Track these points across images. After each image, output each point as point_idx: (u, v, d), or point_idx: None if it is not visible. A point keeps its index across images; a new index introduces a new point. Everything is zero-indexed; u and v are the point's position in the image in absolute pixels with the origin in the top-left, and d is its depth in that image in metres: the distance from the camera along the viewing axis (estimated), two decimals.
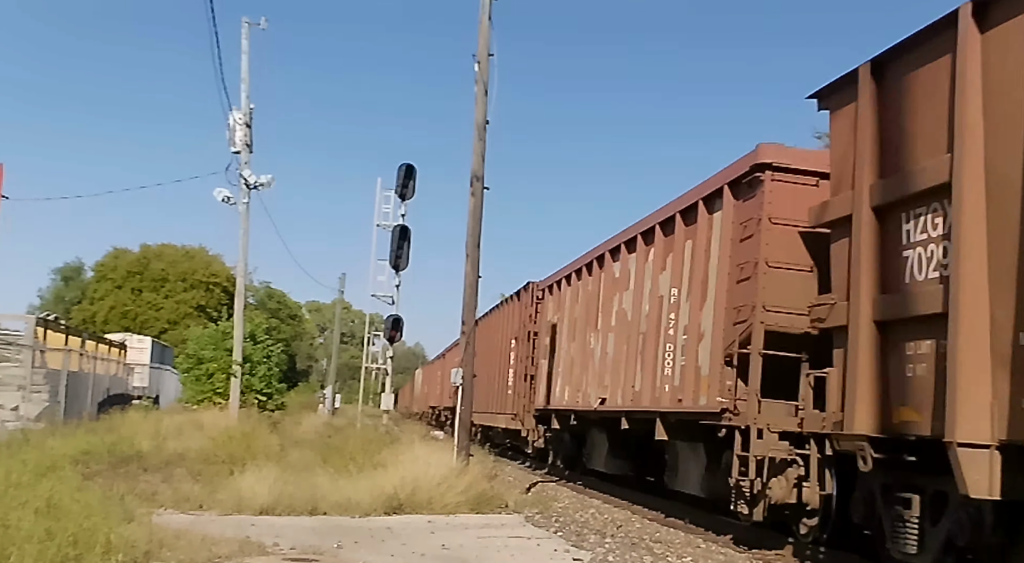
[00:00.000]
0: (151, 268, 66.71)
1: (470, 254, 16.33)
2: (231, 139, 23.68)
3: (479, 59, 16.33)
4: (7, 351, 23.08)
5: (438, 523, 11.78)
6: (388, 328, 23.58)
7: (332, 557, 8.93)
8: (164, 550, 8.01)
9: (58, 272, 75.31)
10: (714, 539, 11.84)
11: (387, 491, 12.57)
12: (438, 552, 9.56)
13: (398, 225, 22.21)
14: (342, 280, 56.52)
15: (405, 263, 22.26)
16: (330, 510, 11.96)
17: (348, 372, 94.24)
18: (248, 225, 24.43)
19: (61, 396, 23.53)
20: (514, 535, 11.10)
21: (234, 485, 12.32)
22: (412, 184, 22.21)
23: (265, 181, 24.24)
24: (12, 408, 21.75)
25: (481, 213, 16.23)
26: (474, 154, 16.22)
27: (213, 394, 26.98)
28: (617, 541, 11.19)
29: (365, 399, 43.72)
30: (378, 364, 42.73)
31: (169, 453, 16.42)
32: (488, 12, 16.45)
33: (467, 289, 16.34)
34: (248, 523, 10.45)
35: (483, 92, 16.24)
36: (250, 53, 24.02)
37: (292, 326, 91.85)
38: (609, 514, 14.64)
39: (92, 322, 60.56)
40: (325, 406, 45.02)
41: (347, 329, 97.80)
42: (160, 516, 10.17)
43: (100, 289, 67.23)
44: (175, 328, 60.58)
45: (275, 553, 8.84)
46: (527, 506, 14.08)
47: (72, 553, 6.86)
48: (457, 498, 13.00)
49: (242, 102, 23.72)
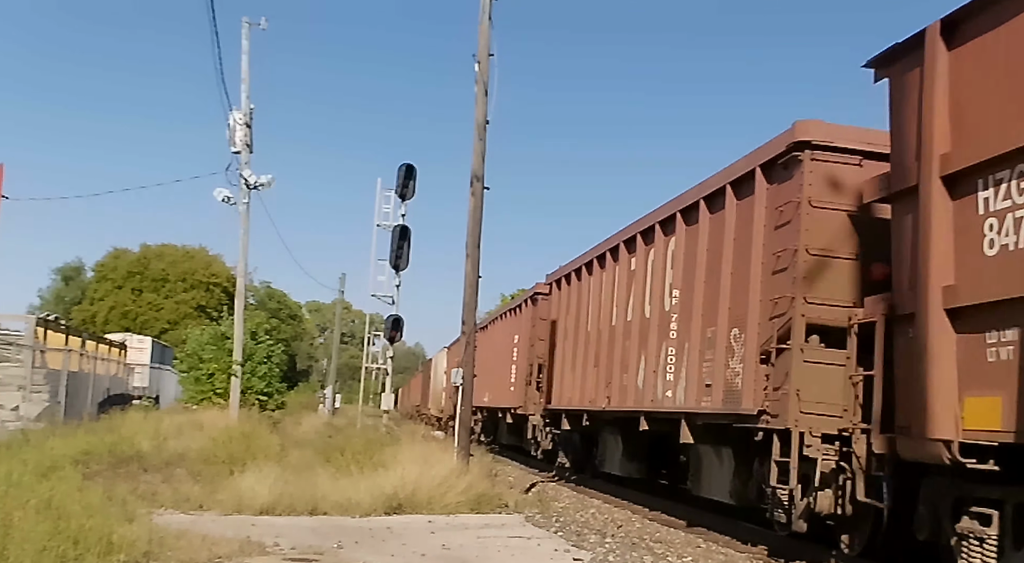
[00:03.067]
0: (151, 268, 66.74)
1: (470, 254, 16.33)
2: (231, 139, 23.66)
3: (479, 59, 16.33)
4: (7, 351, 23.06)
5: (438, 523, 11.78)
6: (388, 328, 23.57)
7: (332, 557, 8.93)
8: (164, 550, 8.00)
9: (58, 272, 75.45)
10: (715, 539, 11.83)
11: (387, 491, 12.56)
12: (438, 552, 9.55)
13: (398, 225, 22.19)
14: (342, 280, 56.70)
15: (405, 263, 22.24)
16: (330, 510, 11.95)
17: (348, 372, 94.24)
18: (248, 225, 24.44)
19: (61, 396, 23.51)
20: (514, 535, 11.09)
21: (234, 485, 12.31)
22: (412, 184, 22.20)
23: (265, 181, 24.23)
24: (12, 408, 21.73)
25: (481, 213, 16.24)
26: (474, 154, 16.23)
27: (213, 394, 26.97)
28: (617, 541, 11.19)
29: (365, 399, 43.73)
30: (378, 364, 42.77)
31: (169, 453, 16.40)
32: (488, 12, 16.45)
33: (467, 289, 16.34)
34: (248, 523, 10.45)
35: (483, 92, 16.24)
36: (250, 53, 24.04)
37: (292, 326, 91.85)
38: (609, 514, 14.63)
39: (92, 322, 60.59)
40: (325, 406, 45.01)
41: (347, 329, 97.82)
42: (160, 516, 10.17)
43: (100, 289, 67.26)
44: (175, 328, 60.55)
45: (275, 553, 8.84)
46: (527, 506, 14.07)
47: (72, 553, 6.86)
48: (457, 498, 12.99)
49: (242, 102, 23.71)
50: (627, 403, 15.20)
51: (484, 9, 16.46)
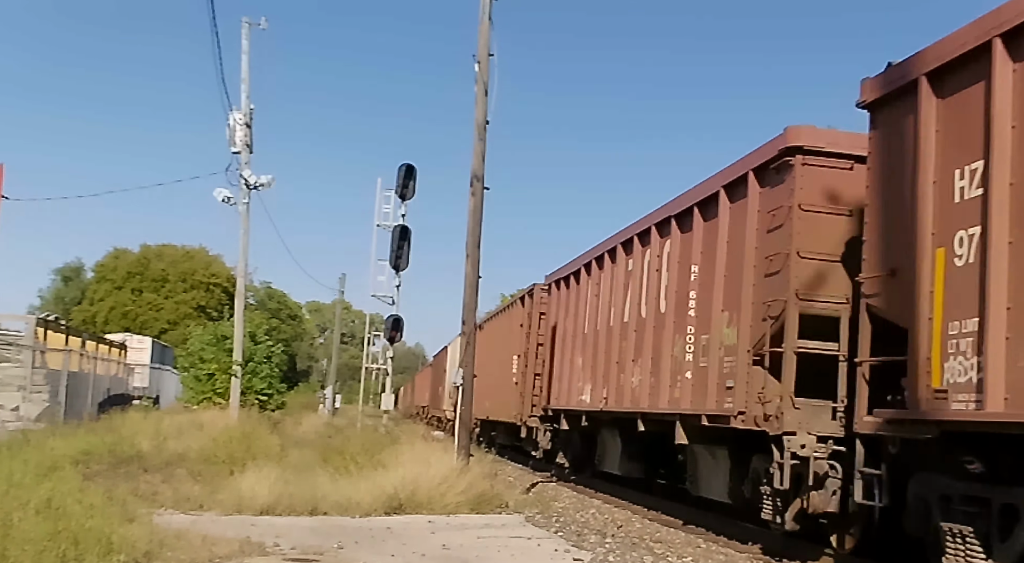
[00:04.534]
0: (151, 268, 66.75)
1: (470, 254, 16.33)
2: (231, 139, 23.67)
3: (479, 59, 16.33)
4: (7, 351, 23.08)
5: (438, 523, 11.78)
6: (388, 328, 23.55)
7: (332, 557, 8.93)
8: (165, 550, 8.01)
9: (58, 272, 75.47)
10: (715, 539, 11.82)
11: (387, 491, 12.56)
12: (438, 552, 9.55)
13: (398, 225, 22.16)
14: (342, 280, 56.66)
15: (405, 263, 22.21)
16: (330, 510, 11.96)
17: (348, 372, 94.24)
18: (248, 225, 24.46)
19: (61, 396, 23.52)
20: (514, 535, 11.09)
21: (234, 485, 12.31)
22: (412, 184, 22.16)
23: (265, 181, 24.24)
24: (12, 408, 21.75)
25: (481, 213, 16.24)
26: (474, 154, 16.22)
27: (213, 394, 26.97)
28: (617, 541, 11.18)
29: (365, 399, 43.74)
30: (378, 364, 42.78)
31: (169, 453, 16.41)
32: (488, 12, 16.45)
33: (467, 289, 16.34)
34: (248, 523, 10.45)
35: (483, 92, 16.24)
36: (250, 53, 24.05)
37: (292, 326, 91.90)
38: (609, 514, 14.63)
39: (92, 322, 60.59)
40: (325, 406, 45.04)
41: (347, 329, 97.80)
42: (160, 516, 10.17)
43: (100, 289, 67.27)
44: (175, 328, 60.60)
45: (275, 553, 8.84)
46: (527, 506, 14.07)
47: (73, 553, 6.86)
48: (457, 498, 12.99)
49: (242, 102, 23.73)
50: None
51: (484, 9, 16.46)
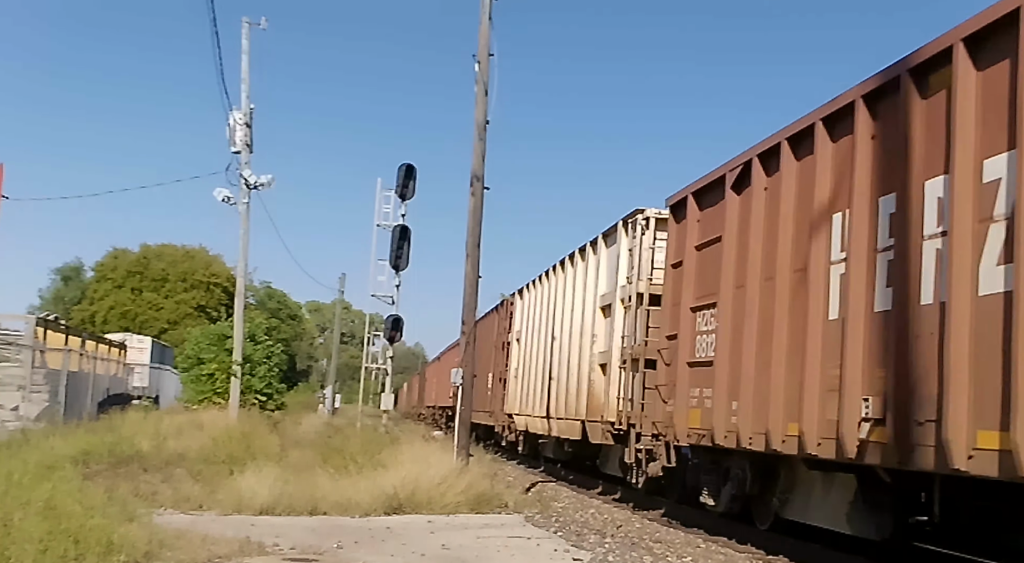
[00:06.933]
0: (151, 268, 66.72)
1: (470, 254, 16.34)
2: (231, 139, 23.66)
3: (479, 59, 16.34)
4: (7, 351, 23.06)
5: (438, 523, 11.79)
6: (388, 328, 23.54)
7: (332, 557, 8.94)
8: (164, 550, 8.01)
9: (58, 272, 75.44)
10: (714, 539, 11.85)
11: (387, 491, 12.57)
12: (438, 552, 9.56)
13: (398, 225, 22.16)
14: (342, 280, 56.75)
15: (405, 263, 22.21)
16: (330, 510, 11.97)
17: (348, 372, 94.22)
18: (248, 225, 24.43)
19: (61, 396, 23.51)
20: (514, 535, 11.10)
21: (234, 485, 12.32)
22: (412, 184, 22.17)
23: (265, 181, 24.21)
24: (12, 408, 21.73)
25: (481, 213, 16.25)
26: (474, 154, 16.23)
27: (213, 394, 26.96)
28: (617, 541, 11.20)
29: (365, 399, 43.68)
30: (378, 364, 42.68)
31: (169, 453, 16.39)
32: (488, 12, 16.46)
33: (467, 289, 16.35)
34: (248, 523, 10.46)
35: (483, 92, 16.25)
36: (250, 53, 24.03)
37: (292, 326, 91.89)
38: (609, 514, 14.64)
39: (92, 322, 60.59)
40: (325, 406, 45.02)
41: (347, 329, 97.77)
42: (160, 516, 10.17)
43: (100, 289, 67.23)
44: (175, 328, 60.60)
45: (275, 553, 8.85)
46: (527, 506, 14.08)
47: (73, 553, 6.87)
48: (457, 498, 13.00)
49: (242, 102, 23.71)
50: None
51: (484, 9, 16.46)
